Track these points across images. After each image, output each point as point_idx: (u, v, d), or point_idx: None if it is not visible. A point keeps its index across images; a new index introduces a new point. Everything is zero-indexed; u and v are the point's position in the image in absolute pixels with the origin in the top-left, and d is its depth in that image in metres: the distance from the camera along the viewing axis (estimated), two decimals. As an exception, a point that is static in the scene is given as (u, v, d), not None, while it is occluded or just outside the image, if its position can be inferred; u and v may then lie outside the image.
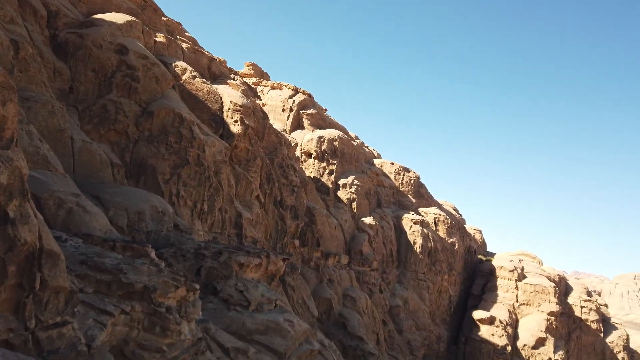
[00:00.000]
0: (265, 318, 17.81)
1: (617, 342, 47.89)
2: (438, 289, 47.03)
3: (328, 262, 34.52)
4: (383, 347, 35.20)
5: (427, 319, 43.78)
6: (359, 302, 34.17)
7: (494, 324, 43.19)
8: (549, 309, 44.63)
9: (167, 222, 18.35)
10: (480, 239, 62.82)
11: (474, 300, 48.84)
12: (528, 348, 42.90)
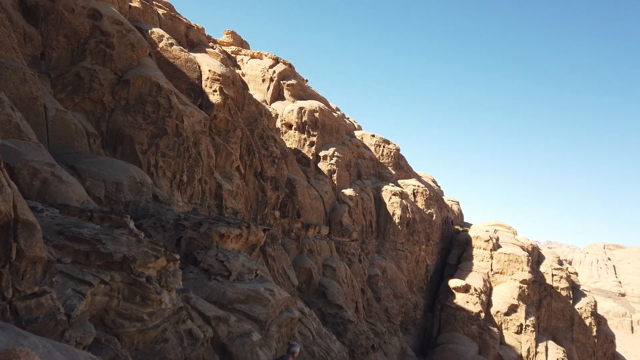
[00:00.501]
0: (246, 287, 18.02)
1: (585, 308, 50.06)
2: (416, 258, 48.07)
3: (308, 232, 34.84)
4: (361, 314, 36.09)
5: (405, 288, 44.88)
6: (339, 271, 34.75)
7: (468, 292, 44.55)
8: (522, 277, 46.19)
9: (146, 193, 18.19)
10: (458, 210, 64.10)
11: (450, 269, 50.17)
12: (501, 314, 44.53)
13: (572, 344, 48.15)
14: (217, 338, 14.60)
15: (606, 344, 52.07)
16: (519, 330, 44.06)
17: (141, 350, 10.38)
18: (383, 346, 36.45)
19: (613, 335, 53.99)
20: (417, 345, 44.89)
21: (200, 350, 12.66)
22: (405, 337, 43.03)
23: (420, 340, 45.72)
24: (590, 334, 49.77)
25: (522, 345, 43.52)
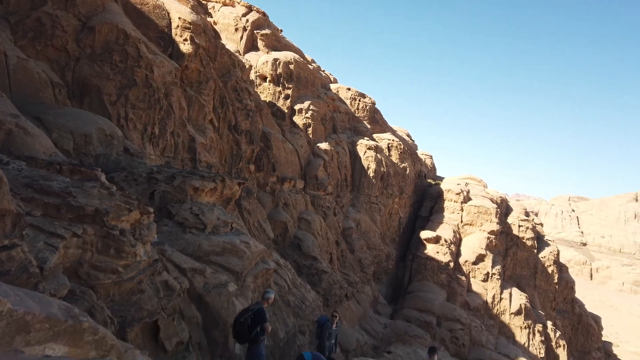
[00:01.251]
0: (222, 240, 18.17)
1: (548, 257, 52.59)
2: (389, 211, 49.10)
3: (284, 186, 34.98)
4: (336, 265, 37.07)
5: (378, 239, 46.07)
6: (314, 224, 35.30)
7: (439, 243, 46.08)
8: (490, 228, 47.93)
9: (117, 146, 17.78)
10: (431, 164, 65.15)
11: (422, 222, 51.56)
12: (469, 264, 46.43)
13: (535, 291, 50.89)
14: (194, 289, 14.83)
15: (566, 290, 55.24)
16: (485, 278, 46.17)
17: (117, 302, 10.49)
18: (356, 295, 37.78)
19: (573, 282, 57.20)
20: (389, 294, 46.67)
21: (177, 300, 12.87)
22: (377, 286, 44.63)
23: (392, 289, 47.50)
24: (552, 281, 52.59)
25: (488, 292, 45.77)
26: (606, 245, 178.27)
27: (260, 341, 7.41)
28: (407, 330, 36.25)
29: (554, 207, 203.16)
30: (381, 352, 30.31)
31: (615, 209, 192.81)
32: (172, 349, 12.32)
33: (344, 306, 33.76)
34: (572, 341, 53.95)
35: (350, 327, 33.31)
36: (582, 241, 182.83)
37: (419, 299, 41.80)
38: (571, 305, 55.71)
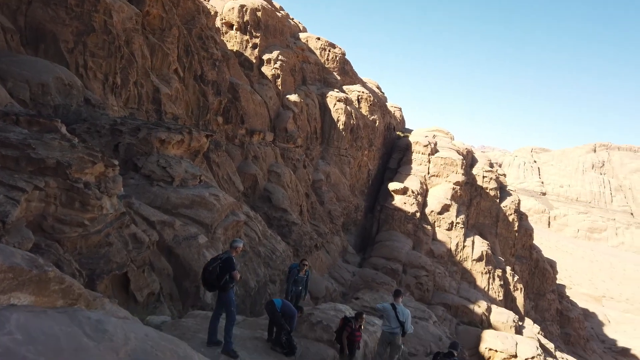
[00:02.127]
0: (190, 193, 18.03)
1: (509, 206, 54.74)
2: (358, 163, 49.56)
3: (253, 139, 34.60)
4: (306, 217, 37.57)
5: (347, 191, 46.71)
6: (284, 177, 35.35)
7: (406, 194, 47.14)
8: (456, 179, 49.23)
9: (77, 96, 17.04)
10: (400, 117, 65.46)
11: (391, 173, 52.39)
12: (434, 214, 47.90)
13: (496, 238, 53.26)
14: (163, 241, 14.82)
15: (525, 237, 58.03)
16: (449, 227, 47.89)
17: (85, 255, 10.41)
18: (326, 245, 38.64)
19: (532, 229, 60.05)
20: (358, 244, 47.92)
21: (146, 253, 12.87)
22: (346, 237, 45.71)
23: (361, 239, 48.75)
24: (512, 229, 55.05)
25: (452, 240, 47.62)
26: (564, 195, 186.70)
27: (230, 288, 7.55)
28: (374, 278, 37.58)
29: (517, 158, 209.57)
30: (349, 299, 31.47)
31: (574, 160, 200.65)
32: (144, 300, 12.44)
33: (314, 256, 34.55)
34: (529, 284, 57.31)
35: (320, 275, 34.26)
36: (542, 191, 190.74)
37: (386, 247, 43.12)
38: (529, 251, 58.75)
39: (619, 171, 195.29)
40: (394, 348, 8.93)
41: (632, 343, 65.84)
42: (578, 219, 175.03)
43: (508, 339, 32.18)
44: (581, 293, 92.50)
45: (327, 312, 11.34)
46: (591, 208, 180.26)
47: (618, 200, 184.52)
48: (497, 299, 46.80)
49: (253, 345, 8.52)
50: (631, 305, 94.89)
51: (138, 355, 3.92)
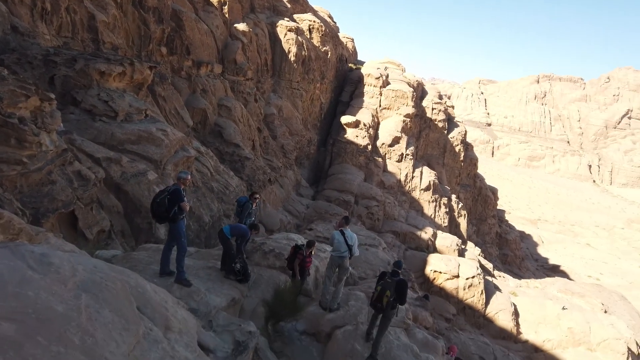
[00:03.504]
0: (136, 128, 17.44)
1: (456, 137, 56.60)
2: (311, 97, 49.05)
3: (200, 71, 33.24)
4: (258, 151, 37.41)
5: (300, 125, 46.53)
6: (234, 111, 34.60)
7: (358, 127, 47.58)
8: (406, 111, 49.96)
9: (2, 24, 15.59)
10: (352, 48, 64.36)
11: (343, 107, 52.35)
12: (385, 146, 48.90)
13: (443, 168, 55.46)
14: (111, 178, 14.47)
15: (470, 167, 60.75)
16: (399, 159, 49.26)
17: (27, 194, 10.06)
18: (279, 179, 38.94)
19: (477, 159, 62.79)
20: (311, 177, 48.61)
21: (93, 190, 12.58)
22: (300, 170, 46.14)
23: (314, 172, 49.41)
24: (458, 159, 57.35)
25: (402, 171, 49.19)
26: (508, 125, 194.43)
27: (179, 220, 7.63)
28: (327, 209, 38.65)
29: (466, 90, 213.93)
30: (303, 230, 32.40)
31: (518, 91, 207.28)
32: (94, 237, 12.33)
33: (268, 190, 34.84)
34: (472, 210, 60.86)
35: (275, 209, 34.81)
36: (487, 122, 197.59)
37: (339, 180, 44.04)
38: (473, 179, 61.79)
39: (559, 101, 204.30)
40: (342, 270, 9.45)
41: (562, 260, 72.53)
42: (519, 148, 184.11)
43: (451, 261, 34.55)
44: (519, 217, 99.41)
45: (279, 241, 11.72)
46: (532, 137, 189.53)
47: (557, 129, 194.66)
48: (443, 225, 49.61)
49: (206, 274, 8.78)
50: (563, 227, 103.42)
51: (87, 286, 3.98)
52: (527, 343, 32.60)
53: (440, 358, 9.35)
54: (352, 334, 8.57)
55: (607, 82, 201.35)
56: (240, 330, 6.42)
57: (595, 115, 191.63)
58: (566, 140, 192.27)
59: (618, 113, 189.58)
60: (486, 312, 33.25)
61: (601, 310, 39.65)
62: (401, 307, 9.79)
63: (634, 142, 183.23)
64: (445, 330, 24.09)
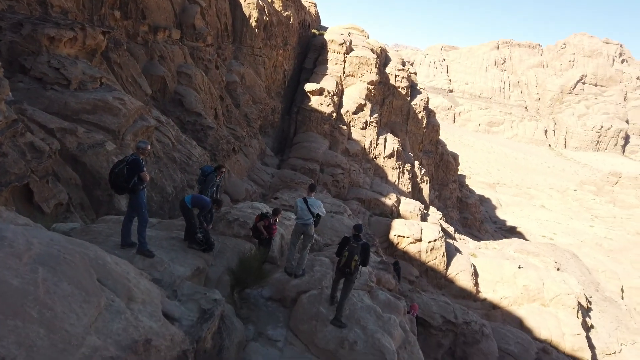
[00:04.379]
0: (91, 97, 16.78)
1: (419, 103, 57.20)
2: (273, 64, 48.17)
3: (157, 37, 31.95)
4: (221, 120, 36.74)
5: (263, 93, 45.81)
6: (195, 79, 33.65)
7: (323, 95, 47.28)
8: (370, 78, 49.91)
9: None
10: (315, 13, 63.19)
11: (307, 74, 51.74)
12: (350, 114, 48.94)
13: (406, 135, 56.18)
14: (67, 150, 13.97)
15: (432, 133, 61.80)
16: (364, 127, 49.50)
17: (-24, 167, 9.61)
18: (244, 148, 38.53)
19: (439, 125, 63.86)
20: (276, 146, 48.31)
21: (48, 162, 12.13)
22: (264, 139, 45.73)
23: (279, 141, 49.10)
24: (421, 126, 58.16)
25: (366, 139, 49.55)
26: (469, 91, 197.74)
27: (139, 190, 7.48)
28: (292, 178, 38.68)
29: (428, 56, 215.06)
30: (269, 199, 32.42)
31: (479, 57, 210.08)
32: (52, 211, 11.97)
33: (232, 160, 34.46)
34: (434, 176, 62.33)
35: (239, 179, 34.56)
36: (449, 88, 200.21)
37: (304, 148, 43.99)
38: (435, 146, 63.01)
39: (517, 67, 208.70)
40: (307, 237, 9.59)
41: (518, 222, 75.82)
42: (479, 114, 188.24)
43: (414, 225, 35.53)
44: (479, 181, 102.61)
45: (244, 210, 11.72)
46: (491, 103, 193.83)
47: (515, 95, 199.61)
48: (406, 191, 50.68)
49: (169, 245, 8.72)
50: (519, 190, 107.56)
51: (44, 260, 3.91)
52: (486, 301, 34.32)
53: (401, 317, 9.76)
54: (317, 298, 8.79)
55: (563, 48, 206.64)
56: (206, 299, 6.47)
57: (551, 81, 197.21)
58: (524, 105, 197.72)
59: (573, 78, 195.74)
60: (447, 274, 34.63)
61: (554, 268, 42.01)
62: (364, 270, 10.09)
63: (587, 106, 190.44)
64: (409, 291, 24.98)
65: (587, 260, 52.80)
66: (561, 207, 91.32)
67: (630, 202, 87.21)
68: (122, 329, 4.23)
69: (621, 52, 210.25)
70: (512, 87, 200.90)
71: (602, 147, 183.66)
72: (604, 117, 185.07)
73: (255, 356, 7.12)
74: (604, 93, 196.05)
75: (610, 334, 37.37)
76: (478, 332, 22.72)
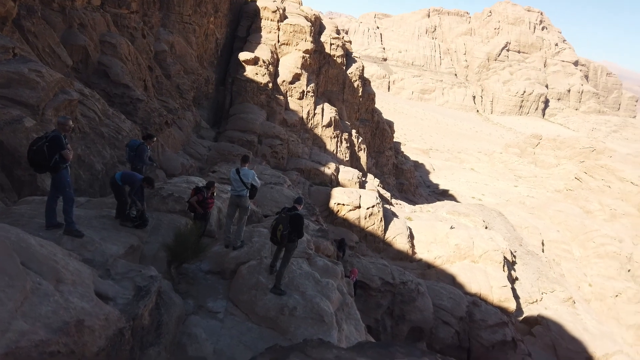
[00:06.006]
0: (4, 69, 15.54)
1: (355, 72, 57.64)
2: (204, 32, 46.37)
3: (75, 3, 29.63)
4: (151, 92, 35.18)
5: (195, 63, 44.18)
6: (120, 48, 31.77)
7: (258, 64, 46.36)
8: (305, 47, 49.45)
9: None
10: (246, -22, 61.01)
11: (240, 42, 50.35)
12: (286, 83, 48.48)
13: (343, 104, 56.65)
14: (-22, 128, 12.90)
15: (368, 102, 62.74)
16: (301, 97, 49.30)
17: None
18: (177, 121, 37.23)
19: (374, 94, 64.87)
20: (211, 118, 47.09)
21: (-42, 142, 11.17)
22: (199, 112, 44.37)
23: (214, 113, 47.87)
24: (357, 95, 58.81)
25: (304, 109, 49.47)
26: (402, 60, 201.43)
27: (62, 169, 7.09)
28: (230, 150, 38.06)
29: (362, 24, 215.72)
30: (206, 172, 31.81)
31: (411, 25, 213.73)
32: (-34, 195, 11.13)
33: (166, 133, 33.25)
34: (371, 144, 63.69)
35: (174, 152, 33.51)
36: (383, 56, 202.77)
37: (241, 120, 43.24)
38: (371, 114, 64.14)
39: (447, 35, 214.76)
40: (242, 209, 9.62)
41: (450, 185, 79.65)
42: (413, 82, 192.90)
43: (353, 193, 36.40)
44: (413, 147, 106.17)
45: (178, 185, 11.49)
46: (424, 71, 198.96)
47: (445, 63, 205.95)
48: (344, 160, 51.53)
49: (100, 224, 8.45)
50: (451, 155, 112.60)
51: (-40, 244, 3.71)
52: (421, 261, 36.21)
53: (339, 281, 10.15)
54: (257, 268, 8.92)
55: (489, 16, 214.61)
56: (141, 276, 6.39)
57: (478, 48, 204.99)
58: (454, 73, 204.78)
59: (498, 46, 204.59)
60: (385, 237, 36.03)
61: (483, 227, 44.87)
62: (301, 239, 10.33)
63: (511, 73, 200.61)
64: (349, 257, 25.81)
65: (511, 218, 56.78)
66: (488, 170, 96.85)
67: (550, 162, 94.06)
68: (51, 312, 4.13)
69: (541, 19, 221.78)
70: (443, 55, 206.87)
71: (524, 111, 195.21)
72: (526, 83, 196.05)
73: (196, 329, 7.18)
74: (526, 59, 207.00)
75: (533, 284, 40.87)
76: (414, 290, 24.01)
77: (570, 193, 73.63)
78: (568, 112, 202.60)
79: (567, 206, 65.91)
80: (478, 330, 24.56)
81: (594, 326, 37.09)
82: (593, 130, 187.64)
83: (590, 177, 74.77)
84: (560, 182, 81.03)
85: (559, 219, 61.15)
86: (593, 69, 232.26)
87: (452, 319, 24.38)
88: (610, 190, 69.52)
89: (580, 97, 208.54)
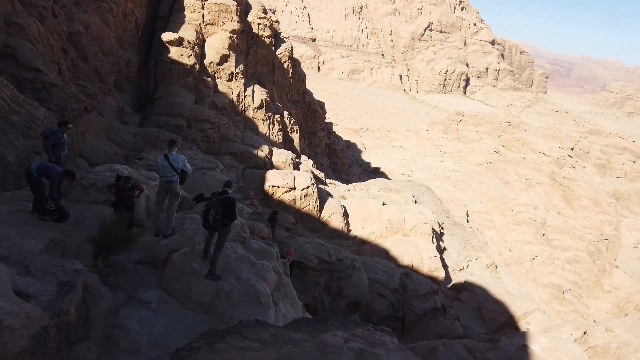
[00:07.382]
0: None
1: (284, 53, 57.14)
2: (123, 11, 43.72)
3: (-30, -22, 26.79)
4: (67, 76, 32.82)
5: (114, 44, 41.67)
6: (29, 29, 29.21)
7: (182, 45, 44.58)
8: (232, 27, 48.16)
9: None
10: (166, -45, 58.00)
11: (163, 22, 48.04)
12: (214, 65, 47.13)
13: (273, 85, 56.12)
14: None
15: (299, 83, 62.61)
16: (230, 78, 48.20)
17: None
18: (98, 107, 35.09)
19: (304, 74, 64.80)
20: (135, 103, 44.84)
21: None
22: (121, 96, 42.05)
23: (138, 97, 45.59)
24: (287, 76, 58.45)
25: (233, 91, 48.46)
26: (331, 40, 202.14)
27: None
28: (158, 136, 36.57)
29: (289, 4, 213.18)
30: (133, 160, 30.45)
31: (338, 5, 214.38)
32: None
33: (86, 120, 31.27)
34: (303, 125, 63.85)
35: (97, 140, 31.70)
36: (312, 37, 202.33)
37: (168, 104, 41.59)
38: (303, 95, 64.16)
39: (373, 15, 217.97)
40: (173, 195, 9.39)
41: (381, 163, 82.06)
42: (342, 62, 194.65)
43: (287, 175, 36.49)
44: (345, 127, 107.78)
45: (101, 174, 10.97)
46: (352, 51, 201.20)
47: (373, 43, 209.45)
48: (278, 142, 51.34)
49: (16, 219, 7.91)
50: (381, 133, 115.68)
51: None
52: (356, 238, 37.24)
53: (275, 262, 10.25)
54: (190, 254, 8.80)
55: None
56: (65, 271, 6.10)
57: (403, 28, 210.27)
58: (381, 53, 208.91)
59: (422, 26, 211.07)
60: (321, 217, 36.61)
61: (412, 202, 46.82)
62: (235, 223, 10.28)
63: (435, 52, 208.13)
64: (285, 238, 26.02)
65: (438, 192, 59.70)
66: (416, 147, 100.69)
67: (472, 138, 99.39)
68: (-36, 314, 3.87)
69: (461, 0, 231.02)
70: (370, 35, 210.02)
71: (447, 89, 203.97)
72: (449, 62, 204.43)
73: (128, 321, 7.00)
74: (448, 39, 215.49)
75: (459, 253, 43.48)
76: (350, 266, 24.74)
77: (490, 166, 78.52)
78: (487, 89, 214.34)
79: (488, 178, 70.31)
80: (411, 299, 25.84)
81: (515, 288, 40.28)
82: (509, 106, 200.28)
83: (507, 150, 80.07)
84: (481, 155, 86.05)
85: (481, 190, 65.16)
86: (508, 48, 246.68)
87: (387, 291, 25.44)
88: (525, 161, 74.95)
89: (498, 75, 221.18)
